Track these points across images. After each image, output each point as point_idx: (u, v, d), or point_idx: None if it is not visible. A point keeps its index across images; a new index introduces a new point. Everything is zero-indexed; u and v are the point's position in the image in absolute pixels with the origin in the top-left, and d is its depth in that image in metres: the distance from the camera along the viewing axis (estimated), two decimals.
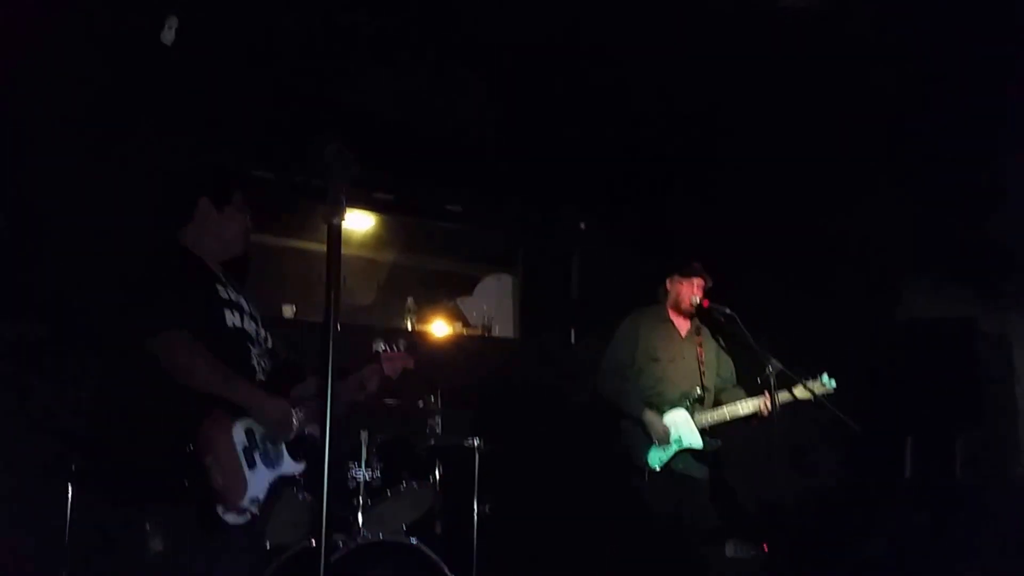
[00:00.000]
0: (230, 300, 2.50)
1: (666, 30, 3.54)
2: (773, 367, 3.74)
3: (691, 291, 4.12)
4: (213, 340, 2.34)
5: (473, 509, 4.08)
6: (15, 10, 3.07)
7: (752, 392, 4.00)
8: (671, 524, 3.94)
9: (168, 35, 3.07)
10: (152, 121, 3.88)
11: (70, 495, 3.18)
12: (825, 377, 3.91)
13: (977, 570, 4.46)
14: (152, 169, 3.63)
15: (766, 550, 4.99)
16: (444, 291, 5.80)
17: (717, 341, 4.28)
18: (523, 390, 4.90)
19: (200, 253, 2.53)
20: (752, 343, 3.83)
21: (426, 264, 6.08)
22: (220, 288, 2.50)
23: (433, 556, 3.37)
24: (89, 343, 3.29)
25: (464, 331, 5.46)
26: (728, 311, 3.91)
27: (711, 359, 4.21)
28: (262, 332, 2.62)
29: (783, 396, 3.88)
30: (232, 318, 2.48)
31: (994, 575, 4.41)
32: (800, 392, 3.89)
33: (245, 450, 2.33)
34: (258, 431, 2.39)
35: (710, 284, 4.15)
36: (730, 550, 5.31)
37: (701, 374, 4.14)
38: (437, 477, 3.89)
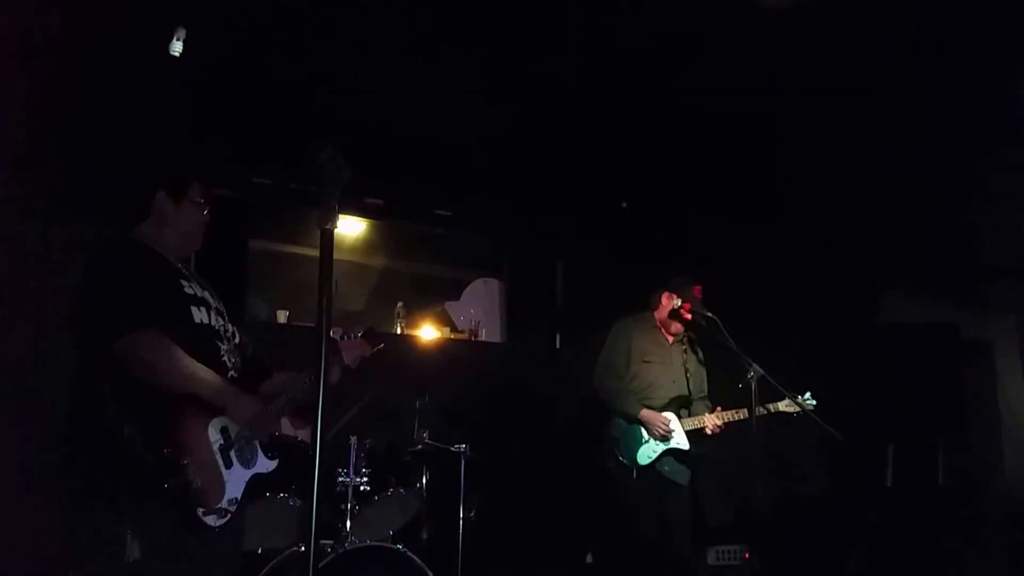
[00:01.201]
0: (196, 296, 2.44)
1: (655, 35, 3.57)
2: (755, 372, 3.78)
3: (683, 313, 4.24)
4: (181, 338, 2.29)
5: (459, 514, 4.09)
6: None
7: (729, 397, 4.07)
8: (655, 524, 4.01)
9: (176, 47, 3.07)
10: (146, 127, 3.88)
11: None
12: (808, 395, 4.03)
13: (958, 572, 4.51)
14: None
15: (748, 558, 5.02)
16: (433, 296, 5.83)
17: (696, 353, 4.39)
18: (510, 394, 4.92)
19: (160, 249, 2.46)
20: (734, 347, 3.88)
21: (415, 269, 6.10)
22: (185, 284, 2.43)
23: (419, 561, 3.37)
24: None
25: (452, 335, 5.48)
26: (710, 314, 3.98)
27: (693, 368, 4.34)
28: (229, 328, 2.55)
29: (765, 409, 3.98)
30: (199, 314, 2.41)
31: None
32: (784, 406, 4.01)
33: (221, 449, 2.30)
34: (233, 429, 2.35)
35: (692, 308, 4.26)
36: (712, 558, 5.34)
37: (687, 380, 4.27)
38: (424, 482, 3.92)
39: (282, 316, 4.79)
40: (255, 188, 4.60)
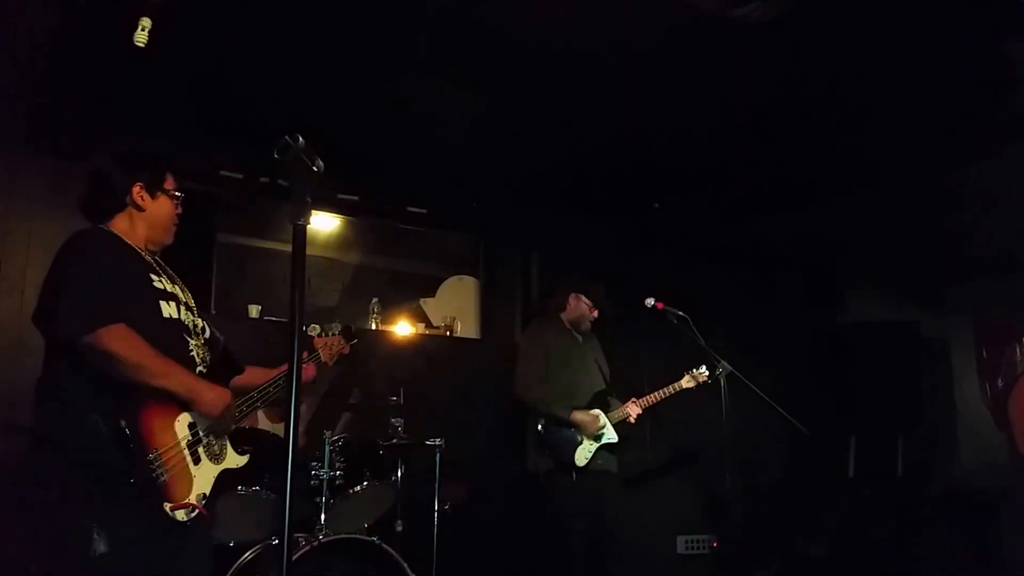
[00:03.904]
0: (165, 291, 2.43)
1: (635, 36, 3.61)
2: (723, 368, 3.87)
3: (591, 312, 4.40)
4: (149, 332, 2.28)
5: (434, 507, 4.14)
6: None
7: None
8: (599, 520, 4.10)
9: (141, 36, 3.06)
10: (116, 120, 3.87)
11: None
12: (703, 367, 4.20)
13: (920, 565, 4.63)
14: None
15: (716, 546, 5.13)
16: (408, 292, 5.85)
17: (601, 348, 4.53)
18: (484, 390, 4.97)
19: (133, 242, 2.46)
20: (703, 344, 3.98)
21: (390, 265, 6.12)
22: (155, 278, 2.43)
23: (394, 554, 3.39)
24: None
25: (427, 332, 5.51)
26: (681, 314, 4.07)
27: (602, 363, 4.47)
28: (199, 322, 2.55)
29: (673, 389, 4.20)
30: (168, 309, 2.41)
31: (936, 570, 4.58)
32: (685, 383, 4.24)
33: (189, 444, 2.29)
34: (201, 425, 2.35)
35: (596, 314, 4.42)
36: (682, 546, 5.44)
37: (603, 375, 4.40)
38: (399, 476, 3.95)
39: (254, 311, 4.79)
40: (224, 181, 4.58)
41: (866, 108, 4.21)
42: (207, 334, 2.58)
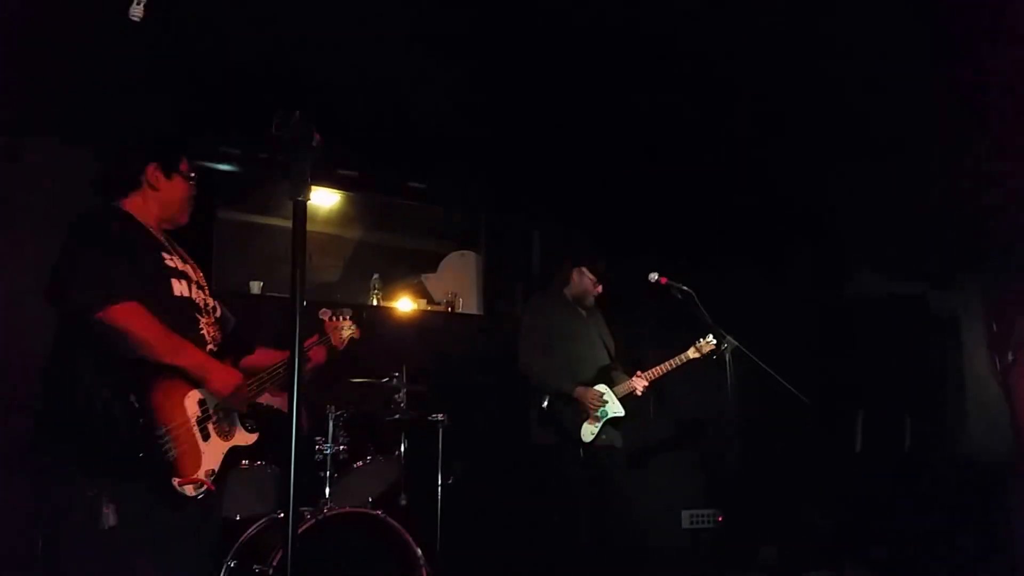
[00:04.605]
0: (176, 269, 2.46)
1: (633, 11, 3.56)
2: (729, 343, 3.85)
3: (595, 287, 4.35)
4: (160, 310, 2.30)
5: (437, 481, 4.16)
6: None
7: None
8: (603, 494, 4.09)
9: (136, 11, 3.01)
10: (116, 95, 3.83)
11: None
12: (710, 336, 4.17)
13: (927, 538, 4.65)
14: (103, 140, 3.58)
15: (721, 521, 5.16)
16: (409, 268, 5.83)
17: (605, 322, 4.50)
18: (486, 365, 4.96)
19: (145, 221, 2.48)
20: (709, 320, 3.96)
21: (391, 241, 6.10)
22: (166, 257, 2.45)
23: (398, 527, 3.42)
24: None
25: (429, 308, 5.50)
26: (686, 288, 4.03)
27: (606, 337, 4.43)
28: (210, 302, 2.57)
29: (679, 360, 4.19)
30: (179, 287, 2.43)
31: (942, 546, 4.60)
32: (692, 353, 4.20)
33: (199, 421, 2.32)
34: (211, 402, 2.37)
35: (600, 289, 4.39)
36: (687, 521, 5.48)
37: (608, 350, 4.37)
38: (402, 450, 3.97)
39: (255, 287, 4.78)
40: (222, 157, 4.54)
41: (874, 81, 4.15)
42: (218, 313, 2.61)
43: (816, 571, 4.87)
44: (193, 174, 2.61)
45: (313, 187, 1.78)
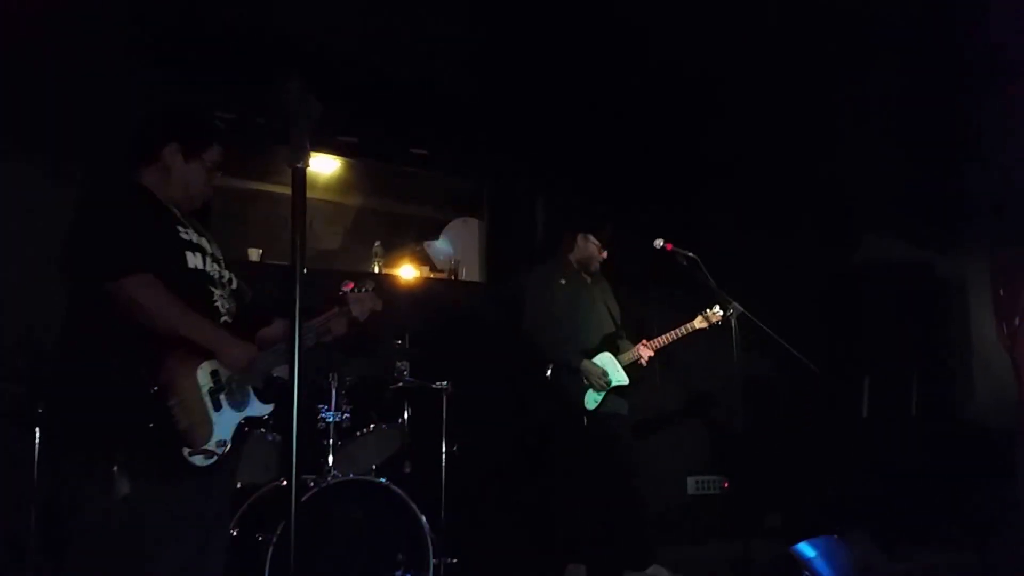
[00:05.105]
0: (191, 242, 2.44)
1: None
2: (735, 309, 3.81)
3: (600, 252, 4.29)
4: (174, 282, 2.29)
5: (441, 449, 4.16)
6: None
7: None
8: (609, 461, 4.08)
9: None
10: (111, 58, 3.75)
11: (37, 439, 3.19)
12: (717, 307, 4.12)
13: (934, 503, 4.66)
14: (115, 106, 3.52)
15: (727, 487, 5.17)
16: (411, 235, 5.78)
17: (611, 289, 4.45)
18: (489, 332, 4.93)
19: (160, 195, 2.45)
20: (714, 286, 3.91)
21: (393, 208, 6.04)
22: (181, 229, 2.44)
23: (402, 494, 3.43)
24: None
25: (431, 275, 5.46)
26: (691, 255, 3.98)
27: (611, 303, 4.38)
28: (226, 274, 2.56)
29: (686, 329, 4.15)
30: (194, 260, 2.42)
31: (949, 511, 4.62)
32: (699, 323, 4.17)
33: (210, 392, 2.31)
34: (224, 373, 2.37)
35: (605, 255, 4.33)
36: (692, 487, 5.50)
37: (613, 317, 4.32)
38: (405, 418, 3.96)
39: (254, 254, 4.73)
40: (219, 122, 4.46)
41: (876, 48, 4.07)
42: (234, 285, 2.58)
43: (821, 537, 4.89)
44: (217, 165, 2.52)
45: (313, 153, 1.75)
